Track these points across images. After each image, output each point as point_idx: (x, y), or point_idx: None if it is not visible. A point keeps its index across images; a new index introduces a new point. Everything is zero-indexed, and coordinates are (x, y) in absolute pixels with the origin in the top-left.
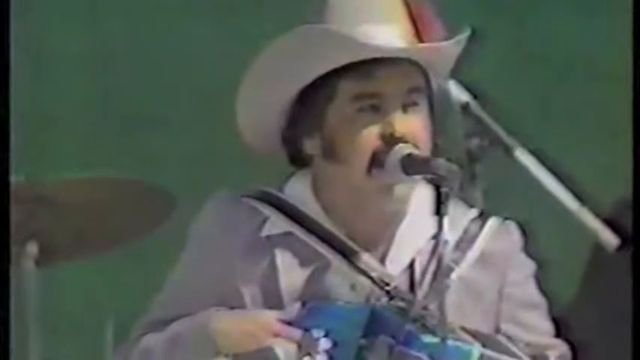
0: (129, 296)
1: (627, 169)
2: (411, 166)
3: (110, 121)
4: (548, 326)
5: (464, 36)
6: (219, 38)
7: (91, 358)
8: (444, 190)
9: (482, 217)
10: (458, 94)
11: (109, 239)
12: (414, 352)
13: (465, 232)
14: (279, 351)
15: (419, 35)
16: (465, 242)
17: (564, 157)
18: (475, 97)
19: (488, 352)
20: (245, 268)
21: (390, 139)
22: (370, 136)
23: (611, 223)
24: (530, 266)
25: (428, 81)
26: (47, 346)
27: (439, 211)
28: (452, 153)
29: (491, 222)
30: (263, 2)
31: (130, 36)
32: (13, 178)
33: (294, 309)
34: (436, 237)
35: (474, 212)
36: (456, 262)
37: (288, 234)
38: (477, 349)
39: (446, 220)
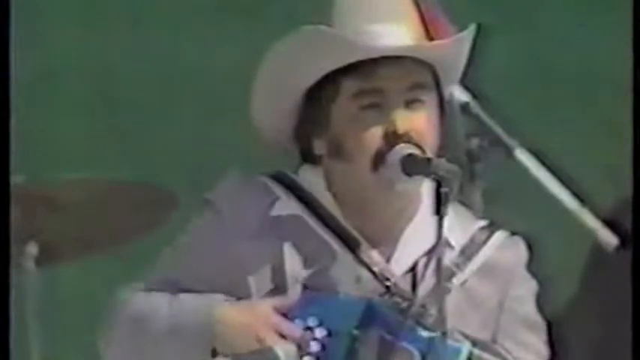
0: None
1: (627, 169)
2: (411, 166)
3: (110, 121)
4: (544, 349)
5: (464, 34)
6: (221, 39)
7: (91, 358)
8: (443, 190)
9: (491, 227)
10: (458, 94)
11: (109, 239)
12: (404, 345)
13: (472, 239)
14: (280, 351)
15: (429, 35)
16: (470, 249)
17: (564, 157)
18: (475, 97)
19: (477, 351)
20: (251, 246)
21: (393, 137)
22: (374, 134)
23: (611, 223)
24: (532, 284)
25: (437, 81)
26: (47, 346)
27: (439, 211)
28: (452, 153)
29: (499, 234)
30: (265, 3)
31: (130, 36)
32: (13, 178)
33: (292, 296)
34: (437, 237)
35: (482, 222)
36: (459, 267)
37: (297, 217)
38: (466, 347)
39: (445, 221)
